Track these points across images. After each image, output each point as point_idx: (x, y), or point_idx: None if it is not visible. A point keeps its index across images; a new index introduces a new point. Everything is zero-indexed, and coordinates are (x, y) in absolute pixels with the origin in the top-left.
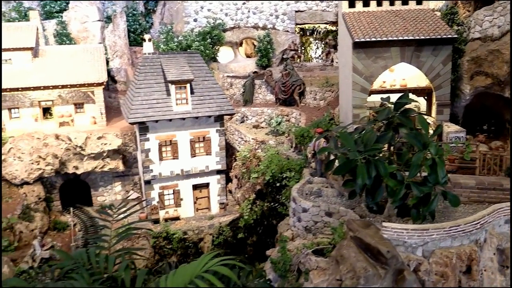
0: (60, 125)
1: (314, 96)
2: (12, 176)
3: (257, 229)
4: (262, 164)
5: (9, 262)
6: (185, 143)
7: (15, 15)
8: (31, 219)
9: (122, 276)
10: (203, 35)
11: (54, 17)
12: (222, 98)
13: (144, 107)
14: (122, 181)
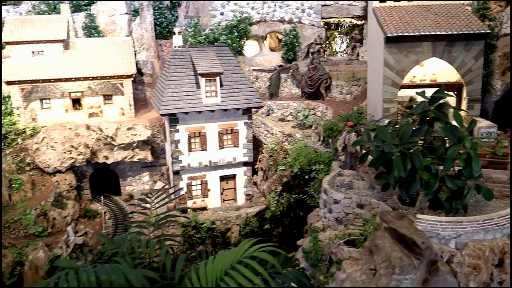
0: (90, 116)
1: (341, 90)
2: (45, 164)
3: (283, 221)
4: (289, 156)
5: (44, 247)
6: (213, 135)
7: (45, 7)
8: (63, 206)
9: (163, 261)
10: (230, 29)
11: (82, 10)
12: (251, 91)
13: (174, 99)
14: (149, 172)
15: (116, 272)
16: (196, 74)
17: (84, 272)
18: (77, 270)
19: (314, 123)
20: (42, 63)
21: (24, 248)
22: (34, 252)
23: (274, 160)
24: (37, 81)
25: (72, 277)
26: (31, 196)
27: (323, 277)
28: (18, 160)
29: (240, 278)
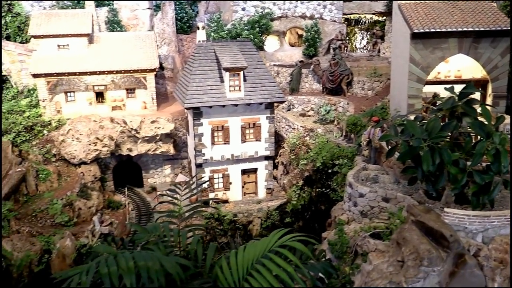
0: (113, 109)
1: (362, 86)
2: (71, 156)
3: (304, 214)
4: (311, 151)
5: (71, 236)
6: (236, 129)
7: (68, 2)
8: (88, 197)
9: (194, 249)
10: (252, 24)
11: (105, 4)
12: (273, 86)
13: (199, 93)
14: (171, 164)
15: (152, 259)
16: (220, 69)
17: (123, 257)
18: (115, 255)
19: (336, 118)
20: (68, 56)
21: (51, 236)
22: (62, 241)
23: (296, 154)
24: (63, 74)
25: (111, 262)
26: (57, 186)
27: (349, 269)
28: (45, 151)
29: (273, 266)
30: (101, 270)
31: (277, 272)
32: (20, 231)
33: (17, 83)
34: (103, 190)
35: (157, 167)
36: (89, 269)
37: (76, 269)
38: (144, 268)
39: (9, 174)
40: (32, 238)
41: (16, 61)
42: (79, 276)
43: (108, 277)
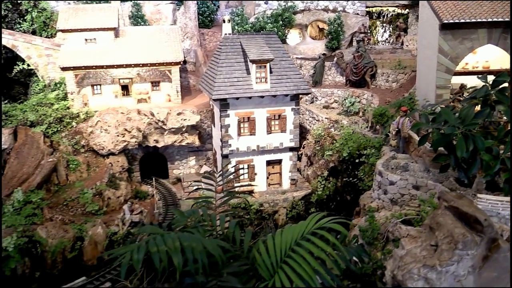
0: (138, 102)
1: (386, 78)
2: (99, 147)
3: (329, 205)
4: (337, 142)
5: (102, 224)
6: (262, 120)
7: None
8: (117, 187)
9: (233, 233)
10: (275, 17)
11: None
12: (299, 78)
13: (226, 84)
14: (196, 156)
15: (196, 240)
16: (246, 61)
17: (170, 237)
18: (162, 235)
19: (361, 110)
20: (95, 50)
21: (83, 224)
22: (93, 228)
23: (321, 145)
24: (90, 67)
25: (160, 241)
26: (86, 176)
27: (380, 254)
28: (74, 142)
29: (312, 247)
30: (150, 248)
31: (317, 253)
32: (53, 219)
33: (44, 77)
34: (130, 181)
35: (182, 159)
36: (140, 248)
37: (127, 247)
38: (189, 248)
39: (41, 164)
40: (65, 226)
41: (43, 55)
42: (130, 254)
43: (157, 255)
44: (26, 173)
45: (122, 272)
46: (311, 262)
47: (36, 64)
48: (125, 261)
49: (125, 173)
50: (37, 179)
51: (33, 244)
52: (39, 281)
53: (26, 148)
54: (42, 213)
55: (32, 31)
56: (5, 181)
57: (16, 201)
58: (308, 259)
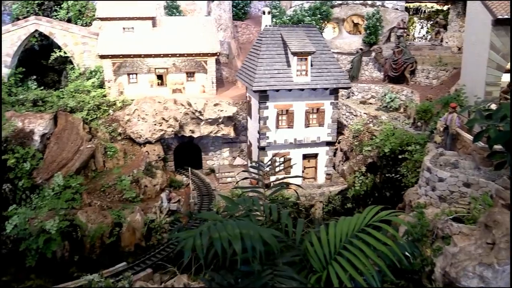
0: (173, 92)
1: (427, 75)
2: (137, 135)
3: (366, 200)
4: (377, 137)
5: (140, 211)
6: (300, 113)
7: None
8: (153, 175)
9: (286, 223)
10: (313, 10)
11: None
12: (339, 72)
13: (266, 76)
14: (230, 148)
15: (253, 228)
16: (286, 53)
17: (230, 224)
18: (221, 221)
19: (402, 106)
20: (132, 39)
21: (121, 210)
22: (132, 215)
23: (360, 141)
24: (128, 56)
25: (221, 228)
26: (123, 164)
27: (430, 250)
28: (111, 129)
29: (371, 240)
30: (212, 234)
31: (377, 245)
32: (91, 205)
33: (79, 65)
34: (165, 170)
35: (216, 150)
36: (202, 233)
37: (189, 232)
38: (247, 236)
39: (80, 150)
40: (104, 211)
41: (79, 43)
42: (193, 239)
43: (219, 241)
44: (65, 158)
45: (186, 256)
46: (370, 255)
47: (72, 51)
48: (187, 246)
49: (160, 162)
50: (76, 164)
51: (73, 228)
52: (78, 264)
53: (66, 134)
54: (81, 198)
55: (67, 19)
56: (44, 165)
57: (56, 185)
58: (368, 252)
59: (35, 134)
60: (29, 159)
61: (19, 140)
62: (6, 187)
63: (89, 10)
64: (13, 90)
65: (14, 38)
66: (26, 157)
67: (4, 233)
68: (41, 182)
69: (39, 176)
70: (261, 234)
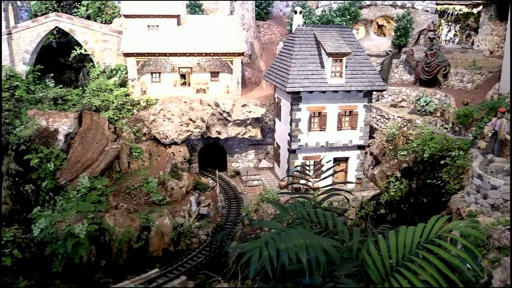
0: (197, 92)
1: (461, 78)
2: (163, 135)
3: (400, 206)
4: (414, 142)
5: (169, 214)
6: (333, 116)
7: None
8: (179, 177)
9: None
10: (342, 11)
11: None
12: (374, 74)
13: (300, 77)
14: (255, 150)
15: (314, 238)
16: (320, 54)
17: (294, 234)
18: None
19: (439, 110)
20: (156, 37)
21: (149, 214)
22: (161, 219)
23: (395, 145)
24: (153, 55)
25: (286, 238)
26: (148, 165)
27: (488, 262)
28: (135, 130)
29: (441, 251)
30: (279, 245)
31: (448, 258)
32: (117, 207)
33: (100, 63)
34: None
35: (242, 152)
36: (268, 244)
37: (253, 243)
38: (311, 247)
39: (105, 150)
40: (131, 215)
41: (99, 40)
42: (259, 251)
43: (286, 253)
44: (90, 159)
45: (252, 269)
46: (442, 268)
47: (92, 49)
48: (254, 258)
49: (186, 164)
50: (101, 165)
51: (101, 232)
52: (104, 269)
53: (91, 134)
54: (107, 200)
55: (86, 16)
56: (68, 166)
57: (82, 186)
58: (439, 265)
59: (59, 133)
60: (52, 159)
61: (43, 139)
62: (29, 188)
63: (109, 8)
64: (31, 88)
65: (34, 35)
66: (50, 157)
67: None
68: (65, 183)
69: (62, 177)
70: (322, 244)
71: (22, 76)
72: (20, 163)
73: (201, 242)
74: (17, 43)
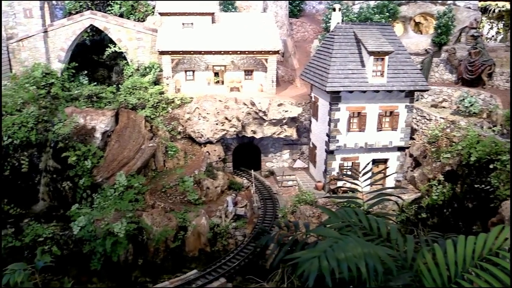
0: (230, 90)
1: (507, 78)
2: (198, 134)
3: (442, 211)
4: (458, 144)
5: (205, 214)
6: (373, 116)
7: None
8: (214, 176)
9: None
10: (381, 8)
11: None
12: (416, 73)
13: (340, 76)
14: (290, 150)
15: (370, 247)
16: (360, 52)
17: (351, 243)
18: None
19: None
20: (191, 35)
21: (185, 214)
22: (197, 219)
23: (438, 147)
24: (188, 53)
25: (344, 247)
26: (183, 164)
27: None
28: (170, 128)
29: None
30: (338, 255)
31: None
32: (154, 206)
33: (133, 60)
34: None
35: (276, 151)
36: (327, 253)
37: (311, 252)
38: (369, 256)
39: (142, 148)
40: (168, 214)
41: (133, 38)
42: (318, 260)
43: (345, 263)
44: (126, 157)
45: (311, 279)
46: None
47: (126, 47)
48: (313, 268)
49: (220, 163)
50: (137, 163)
51: (139, 231)
52: (142, 268)
53: (128, 132)
54: (144, 199)
55: (119, 14)
56: (105, 164)
57: (119, 185)
58: (505, 279)
59: (96, 131)
60: (90, 157)
61: (81, 137)
62: (66, 185)
63: (142, 6)
64: (66, 85)
65: (69, 33)
66: (88, 155)
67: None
68: (101, 181)
69: (99, 175)
70: (378, 252)
71: (57, 74)
72: (58, 160)
73: (237, 243)
74: (53, 40)
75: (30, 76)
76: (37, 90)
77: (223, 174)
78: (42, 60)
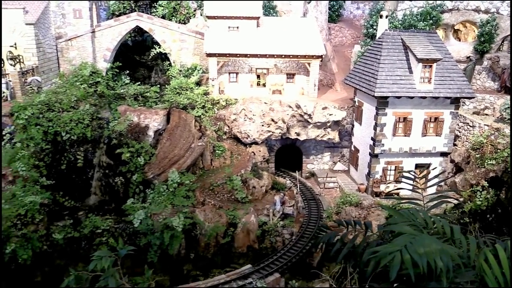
0: (272, 93)
1: None
2: (244, 135)
3: (485, 217)
4: (504, 151)
5: (254, 212)
6: (418, 122)
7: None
8: (260, 176)
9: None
10: (425, 15)
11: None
12: (462, 80)
13: (388, 82)
14: (331, 152)
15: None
16: (408, 59)
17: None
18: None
19: None
20: (236, 38)
21: (235, 211)
22: (247, 216)
23: (482, 153)
24: (235, 55)
25: (422, 243)
26: (229, 163)
27: None
28: (216, 128)
29: None
30: (418, 250)
31: None
32: (204, 203)
33: (176, 62)
34: None
35: (318, 154)
36: (408, 248)
37: (391, 246)
38: (442, 252)
39: (191, 147)
40: (218, 211)
41: (177, 40)
42: (400, 254)
43: (425, 257)
44: (177, 155)
45: (393, 272)
46: None
47: (169, 48)
48: (396, 261)
49: (265, 163)
50: (187, 162)
51: (193, 226)
52: (193, 262)
53: (179, 131)
54: (194, 196)
55: (161, 16)
56: (156, 161)
57: (172, 181)
58: None
59: (149, 129)
60: (143, 153)
61: (135, 134)
62: (119, 180)
63: (183, 8)
64: (110, 84)
65: (115, 33)
66: (140, 152)
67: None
68: (153, 177)
69: (150, 171)
70: (448, 250)
71: (103, 73)
72: (110, 156)
73: (284, 241)
74: (99, 41)
75: (79, 74)
76: (85, 88)
77: (267, 174)
78: (89, 59)
